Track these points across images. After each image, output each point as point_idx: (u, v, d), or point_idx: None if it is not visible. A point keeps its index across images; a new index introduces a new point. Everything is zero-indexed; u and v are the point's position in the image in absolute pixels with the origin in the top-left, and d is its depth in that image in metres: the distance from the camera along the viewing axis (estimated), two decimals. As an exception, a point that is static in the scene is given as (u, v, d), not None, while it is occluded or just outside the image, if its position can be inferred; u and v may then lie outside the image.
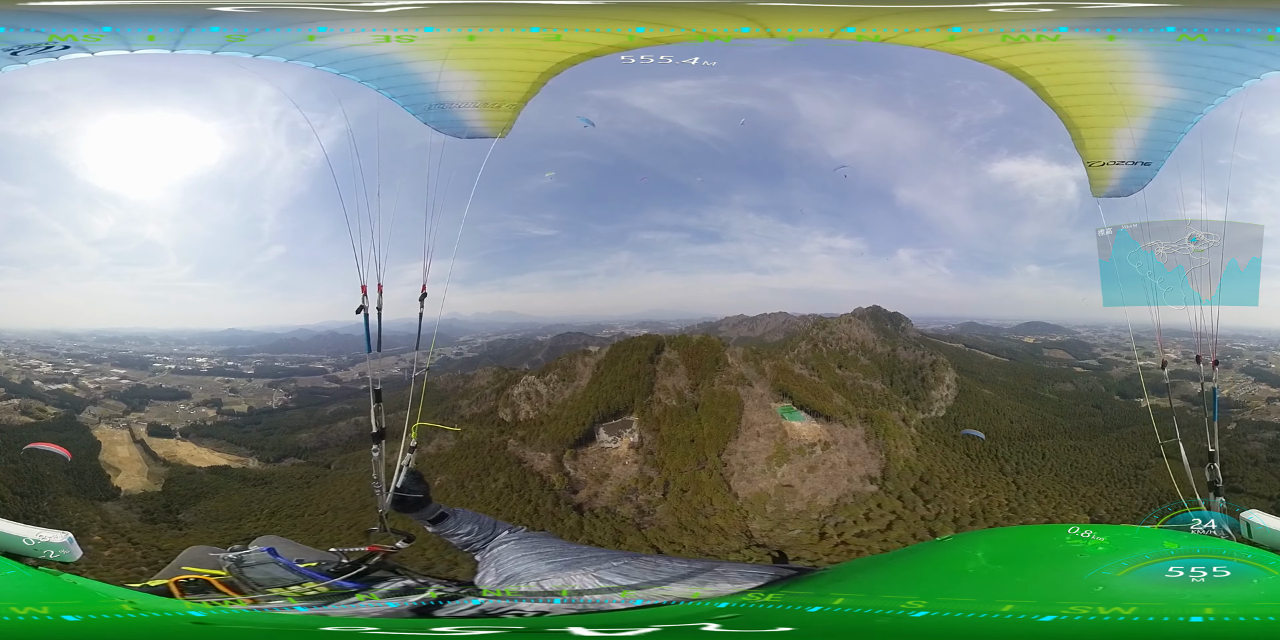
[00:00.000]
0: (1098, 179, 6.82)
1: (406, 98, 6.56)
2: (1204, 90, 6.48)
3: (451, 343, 10.22)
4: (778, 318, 10.61)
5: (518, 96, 6.58)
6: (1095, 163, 6.76)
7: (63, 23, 6.02)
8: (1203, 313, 6.61)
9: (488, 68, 6.50)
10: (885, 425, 9.58)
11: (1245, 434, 8.95)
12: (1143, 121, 6.58)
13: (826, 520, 8.77)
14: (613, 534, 8.55)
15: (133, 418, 9.01)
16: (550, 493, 8.95)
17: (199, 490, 8.69)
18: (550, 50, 6.50)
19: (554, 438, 9.38)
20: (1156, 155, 6.71)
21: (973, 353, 10.56)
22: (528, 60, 6.50)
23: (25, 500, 7.96)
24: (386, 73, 6.47)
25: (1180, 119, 6.59)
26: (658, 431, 9.29)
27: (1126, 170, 6.74)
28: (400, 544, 5.78)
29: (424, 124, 6.52)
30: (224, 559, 5.34)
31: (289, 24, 6.27)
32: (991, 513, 8.91)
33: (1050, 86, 6.52)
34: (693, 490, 8.86)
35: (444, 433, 9.26)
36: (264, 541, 5.62)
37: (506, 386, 9.88)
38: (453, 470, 9.19)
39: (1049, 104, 6.61)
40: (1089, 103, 6.55)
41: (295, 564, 5.52)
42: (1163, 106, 6.52)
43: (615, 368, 9.83)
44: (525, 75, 6.55)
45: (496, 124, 6.65)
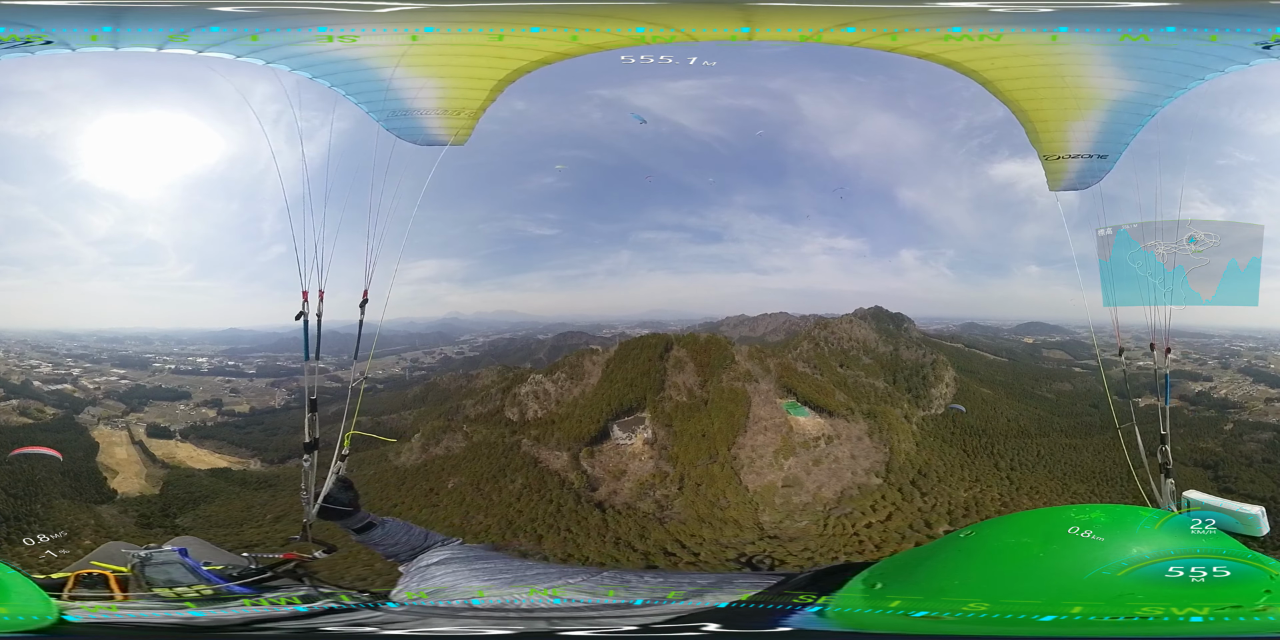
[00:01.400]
0: (1053, 172, 6.87)
1: (368, 102, 6.55)
2: (1161, 84, 6.51)
3: (452, 342, 10.22)
4: (778, 318, 10.64)
5: (476, 103, 6.57)
6: (1050, 156, 6.79)
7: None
8: (1156, 307, 6.62)
9: (445, 74, 6.49)
10: (888, 421, 9.68)
11: (1242, 434, 9.01)
12: (1097, 115, 6.59)
13: (832, 512, 8.90)
14: (638, 530, 8.61)
15: (131, 418, 8.97)
16: (570, 491, 8.96)
17: (198, 494, 8.62)
18: (507, 57, 6.49)
19: (569, 436, 9.39)
20: (1112, 148, 6.74)
21: (972, 352, 10.61)
22: (486, 66, 6.49)
23: (18, 502, 7.88)
24: (337, 69, 6.45)
25: (1136, 112, 6.61)
26: (670, 427, 9.36)
27: (1082, 163, 6.77)
28: (319, 554, 5.78)
29: (385, 129, 6.52)
30: (132, 556, 5.36)
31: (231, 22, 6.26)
32: (985, 506, 9.01)
33: (998, 81, 6.53)
34: (706, 483, 8.95)
35: (452, 436, 9.29)
36: (180, 542, 5.66)
37: (513, 385, 9.88)
38: (465, 473, 9.16)
39: (1000, 98, 6.62)
40: (1040, 96, 6.56)
41: (200, 566, 5.54)
42: (1118, 100, 6.53)
43: (626, 365, 9.89)
44: (484, 81, 6.54)
45: (455, 131, 6.64)
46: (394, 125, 6.62)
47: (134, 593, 5.31)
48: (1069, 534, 5.61)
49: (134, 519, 8.31)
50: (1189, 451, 9.01)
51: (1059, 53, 6.34)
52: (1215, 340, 9.55)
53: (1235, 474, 8.64)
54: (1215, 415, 9.28)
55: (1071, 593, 5.38)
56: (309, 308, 6.12)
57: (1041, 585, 5.40)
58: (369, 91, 6.51)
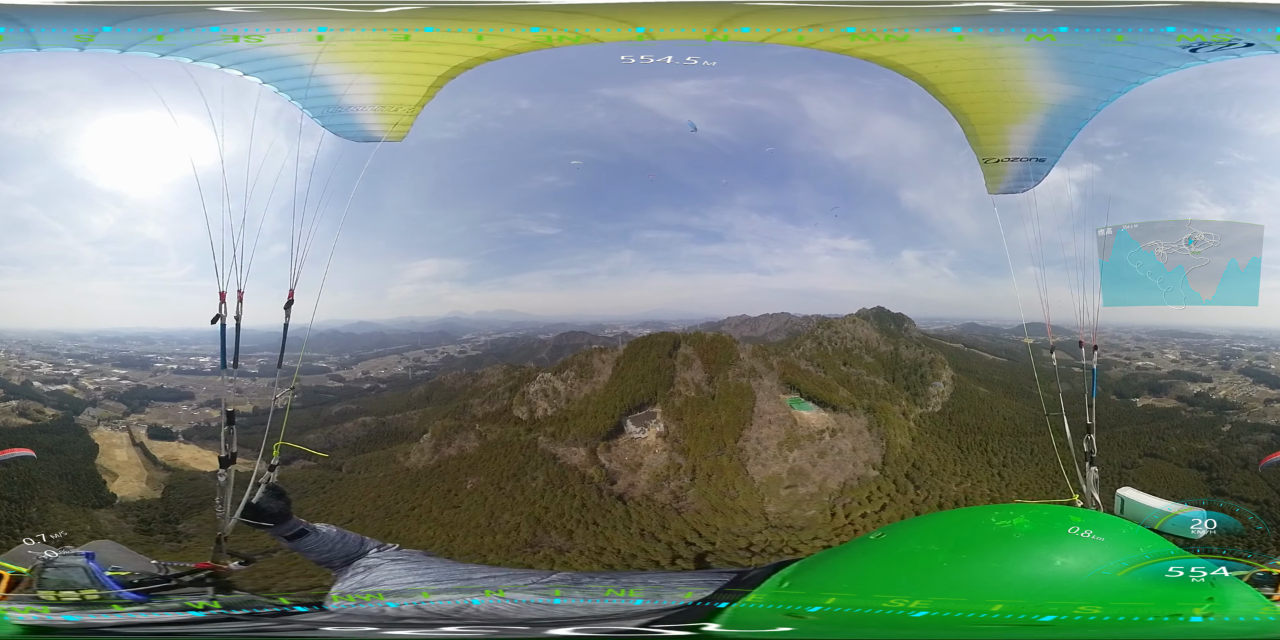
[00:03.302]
0: (992, 175, 6.87)
1: (302, 98, 6.49)
2: (1098, 88, 6.51)
3: (454, 341, 10.22)
4: (780, 318, 10.69)
5: (414, 100, 6.53)
6: (990, 159, 6.80)
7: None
8: (1084, 302, 6.80)
9: (384, 71, 6.45)
10: (886, 416, 9.83)
11: (1239, 436, 9.02)
12: (1036, 118, 6.60)
13: (835, 502, 9.06)
14: (659, 521, 8.74)
15: (132, 420, 8.91)
16: (592, 486, 9.06)
17: (203, 498, 8.50)
18: (446, 53, 6.45)
19: (585, 431, 9.49)
20: (1050, 151, 6.76)
21: (972, 352, 10.67)
22: (424, 62, 6.45)
23: (12, 505, 7.79)
24: (265, 66, 6.39)
25: (1075, 115, 6.62)
26: (681, 421, 9.49)
27: (1021, 166, 6.78)
28: (235, 565, 5.75)
29: (322, 126, 6.47)
30: (37, 558, 5.34)
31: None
32: (975, 501, 9.14)
33: (942, 84, 6.53)
34: (716, 475, 9.09)
35: (464, 435, 9.30)
36: (93, 546, 5.63)
37: (520, 384, 9.94)
38: (483, 472, 9.19)
39: (942, 102, 6.61)
40: (981, 100, 6.56)
41: (100, 571, 5.50)
42: (1056, 103, 6.54)
43: (636, 363, 9.99)
44: (423, 79, 6.50)
45: (393, 128, 6.59)
46: (330, 122, 6.55)
47: (15, 594, 5.28)
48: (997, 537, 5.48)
49: (133, 524, 8.27)
50: (1184, 453, 9.05)
51: (999, 56, 6.33)
52: (1216, 341, 9.57)
53: (1229, 476, 8.66)
54: (1213, 416, 9.30)
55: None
56: (225, 310, 5.89)
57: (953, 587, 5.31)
58: (299, 88, 6.43)
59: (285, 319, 5.98)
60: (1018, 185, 6.89)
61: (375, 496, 8.71)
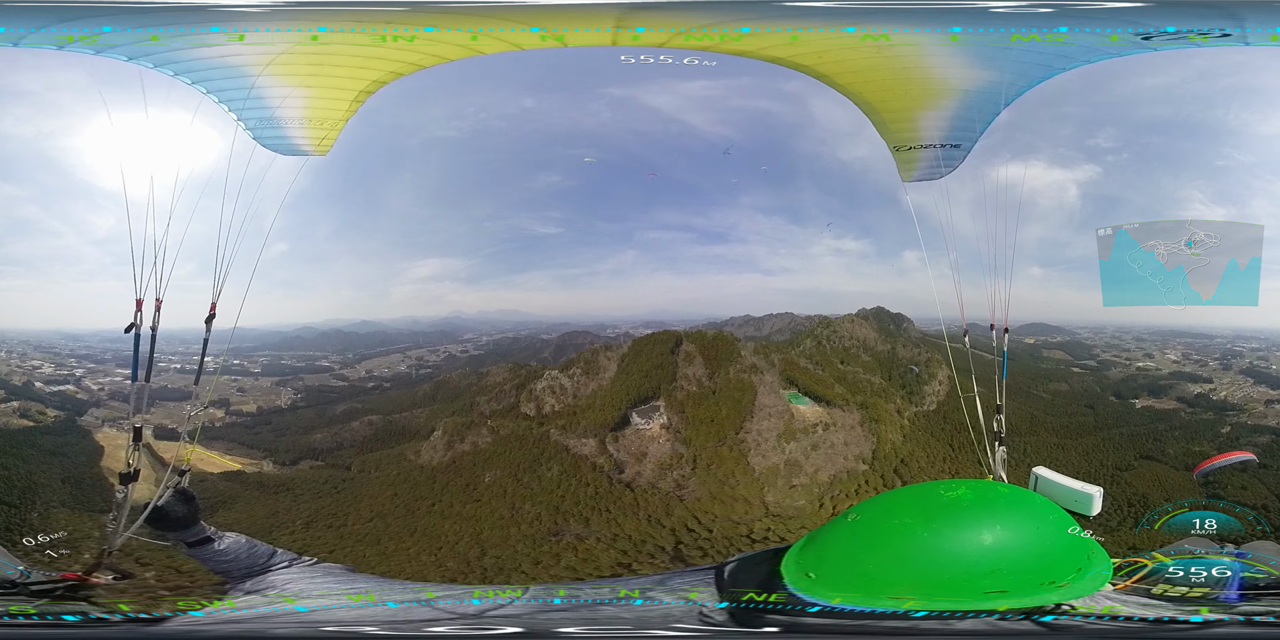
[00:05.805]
0: (905, 163, 6.85)
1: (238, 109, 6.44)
2: (1017, 73, 6.48)
3: (456, 341, 10.22)
4: (784, 318, 10.74)
5: (339, 113, 6.50)
6: (901, 147, 6.77)
7: None
8: (997, 287, 7.13)
9: (311, 84, 6.40)
10: (878, 412, 9.97)
11: (1239, 437, 9.00)
12: (949, 103, 6.58)
13: (824, 494, 9.26)
14: (664, 507, 8.94)
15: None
16: (602, 474, 9.24)
17: (214, 499, 8.50)
18: (369, 68, 6.42)
19: (594, 423, 9.65)
20: (965, 137, 6.74)
21: (971, 352, 10.69)
22: (348, 77, 6.41)
23: (12, 510, 7.73)
24: (210, 75, 6.35)
25: (990, 101, 6.60)
26: (683, 413, 9.67)
27: (935, 153, 6.76)
28: (109, 578, 5.72)
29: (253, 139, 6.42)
30: None
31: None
32: (959, 498, 9.25)
33: (836, 75, 6.49)
34: (716, 464, 9.30)
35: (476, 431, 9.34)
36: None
37: (527, 382, 10.01)
38: (500, 466, 9.27)
39: (842, 93, 6.56)
40: (886, 88, 6.52)
41: None
42: (970, 89, 6.52)
43: (640, 360, 10.12)
44: (347, 92, 6.46)
45: (317, 142, 6.55)
46: (260, 134, 6.51)
47: None
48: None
49: (142, 529, 8.19)
50: (1182, 455, 9.03)
51: (898, 46, 6.28)
52: (1217, 341, 9.59)
53: (1226, 479, 8.58)
54: (1213, 418, 9.32)
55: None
56: (141, 319, 5.71)
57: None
58: (237, 98, 6.39)
59: (206, 332, 5.86)
60: (932, 172, 6.88)
61: (393, 494, 8.72)
